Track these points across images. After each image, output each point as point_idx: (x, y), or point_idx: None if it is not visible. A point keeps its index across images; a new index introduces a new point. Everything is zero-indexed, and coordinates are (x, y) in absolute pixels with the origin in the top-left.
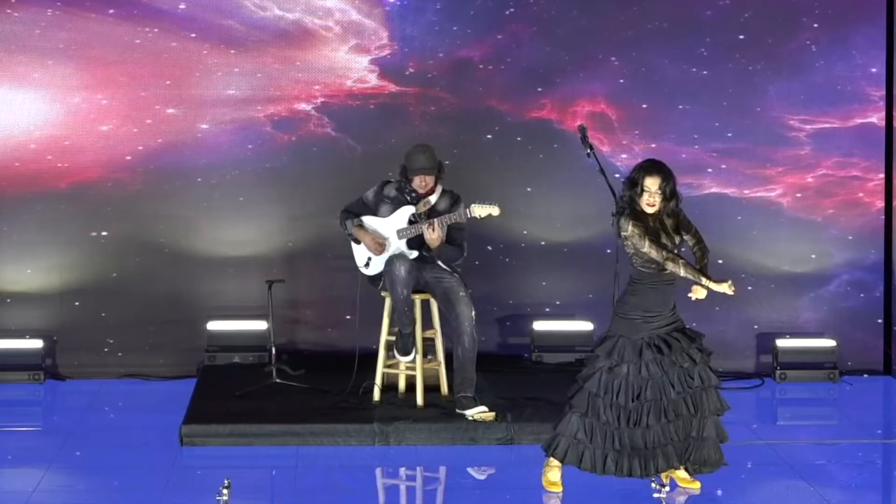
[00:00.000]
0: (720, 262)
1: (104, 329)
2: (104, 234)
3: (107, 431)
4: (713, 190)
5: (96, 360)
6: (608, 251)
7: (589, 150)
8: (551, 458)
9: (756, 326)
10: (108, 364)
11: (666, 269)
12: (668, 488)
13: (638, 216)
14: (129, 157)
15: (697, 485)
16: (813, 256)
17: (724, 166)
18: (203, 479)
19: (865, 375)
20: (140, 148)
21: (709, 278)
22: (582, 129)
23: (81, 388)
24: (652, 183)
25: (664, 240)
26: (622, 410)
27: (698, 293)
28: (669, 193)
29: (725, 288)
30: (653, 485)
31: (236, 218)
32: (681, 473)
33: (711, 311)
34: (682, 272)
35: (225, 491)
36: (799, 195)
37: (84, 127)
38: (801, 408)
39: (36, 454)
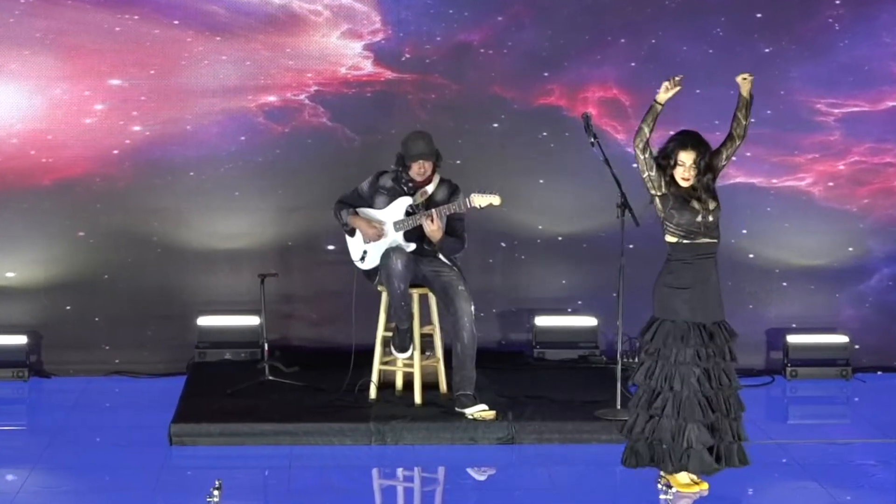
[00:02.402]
0: (751, 256)
1: (91, 325)
2: (92, 228)
3: (93, 430)
4: (739, 179)
5: (83, 356)
6: (630, 246)
7: (593, 139)
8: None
9: (794, 325)
10: (95, 361)
11: (698, 239)
12: (674, 489)
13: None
14: (116, 152)
15: (705, 486)
16: (850, 249)
17: (748, 154)
18: (193, 479)
19: (879, 373)
20: (127, 141)
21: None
22: (585, 118)
23: (67, 386)
24: (687, 157)
25: (696, 205)
26: (675, 399)
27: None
28: (704, 167)
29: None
30: (659, 486)
31: (228, 210)
32: (680, 478)
33: (744, 308)
34: (649, 115)
35: (216, 492)
36: (831, 184)
37: (67, 120)
38: (812, 406)
39: (20, 454)
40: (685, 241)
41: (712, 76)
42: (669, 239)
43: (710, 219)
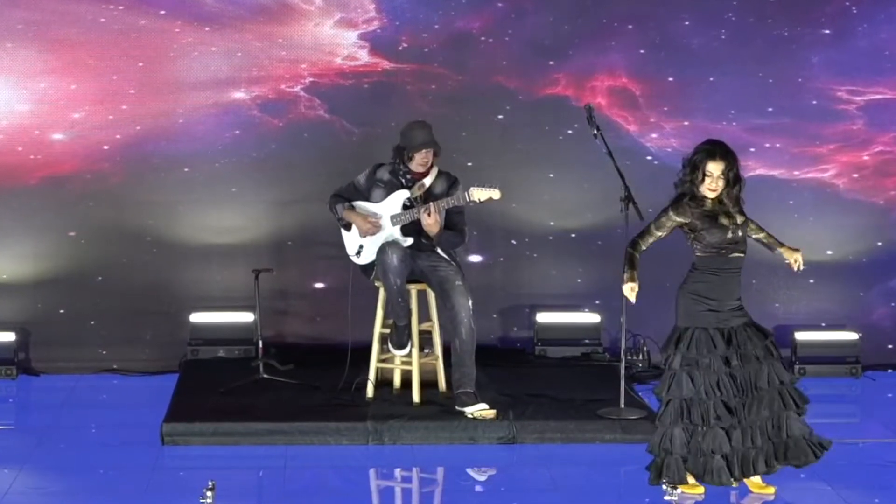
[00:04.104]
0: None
1: (81, 322)
2: (82, 224)
3: (83, 430)
4: (759, 172)
5: (72, 353)
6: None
7: (596, 131)
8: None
9: (823, 324)
10: (85, 358)
11: (730, 255)
12: (679, 491)
13: (692, 201)
14: (106, 147)
15: (772, 490)
16: (879, 244)
17: (767, 145)
18: (186, 480)
19: (890, 371)
20: (117, 136)
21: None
22: (588, 109)
23: (57, 384)
24: (715, 168)
25: (724, 220)
26: (712, 406)
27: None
28: (733, 178)
29: (627, 290)
30: (664, 487)
31: (222, 204)
32: (755, 479)
33: (771, 305)
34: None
35: (209, 493)
36: (856, 175)
37: (54, 114)
38: (821, 405)
39: (8, 454)
40: (717, 256)
41: (726, 64)
42: (700, 254)
43: (740, 234)
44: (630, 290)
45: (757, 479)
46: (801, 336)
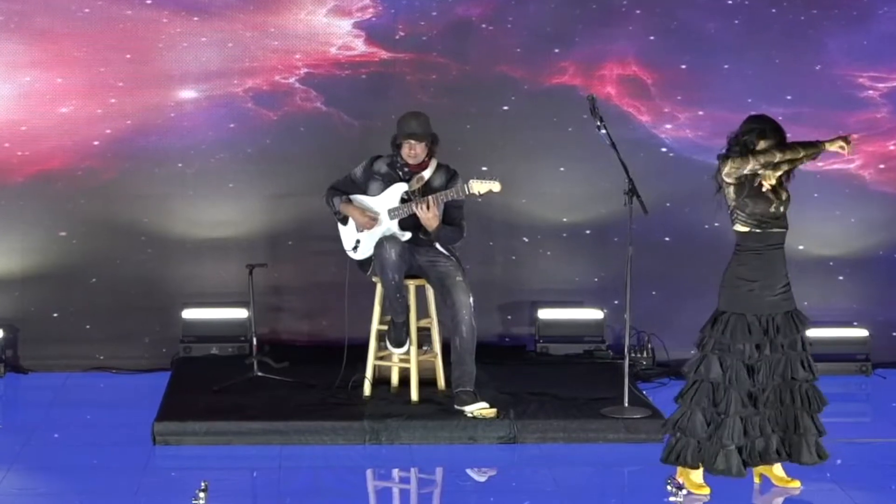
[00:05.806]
0: (800, 247)
1: (71, 318)
2: (73, 219)
3: (73, 429)
4: None
5: (62, 351)
6: (667, 239)
7: (599, 123)
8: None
9: (855, 323)
10: (75, 356)
11: (769, 229)
12: (684, 491)
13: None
14: (96, 143)
15: (797, 483)
16: None
17: (789, 134)
18: (178, 480)
19: None
20: (108, 131)
21: (821, 142)
22: (591, 100)
23: (45, 382)
24: (766, 146)
25: (770, 194)
26: (735, 396)
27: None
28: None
29: (837, 147)
30: (668, 487)
31: (215, 198)
32: (777, 471)
33: (799, 303)
34: (801, 153)
35: (202, 494)
36: (882, 166)
37: (41, 109)
38: (830, 403)
39: None
40: (757, 231)
41: (741, 50)
42: (740, 228)
43: (782, 209)
44: (844, 143)
45: (780, 471)
46: (808, 333)
